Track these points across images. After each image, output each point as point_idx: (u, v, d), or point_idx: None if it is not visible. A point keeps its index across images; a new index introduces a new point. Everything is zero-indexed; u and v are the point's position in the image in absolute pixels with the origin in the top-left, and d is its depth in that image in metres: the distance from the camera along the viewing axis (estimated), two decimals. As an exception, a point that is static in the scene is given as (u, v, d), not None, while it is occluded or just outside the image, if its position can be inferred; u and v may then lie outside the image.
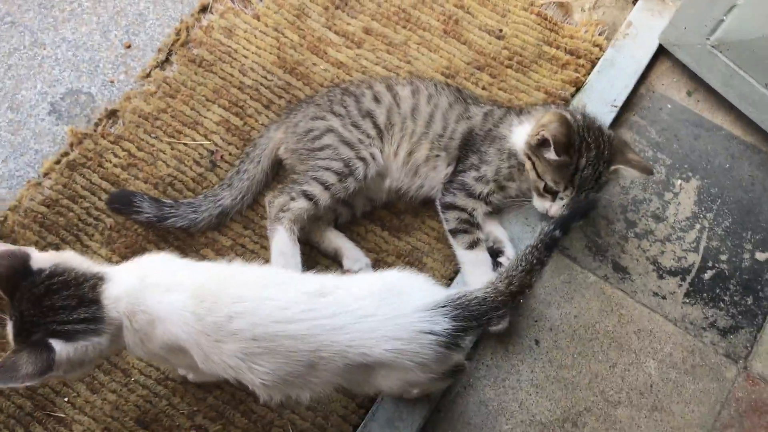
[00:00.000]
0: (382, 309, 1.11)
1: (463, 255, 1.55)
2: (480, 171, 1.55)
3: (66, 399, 1.45)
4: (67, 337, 1.08)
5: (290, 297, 1.13)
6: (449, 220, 1.56)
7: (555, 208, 1.52)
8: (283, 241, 1.49)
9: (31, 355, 1.05)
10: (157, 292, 1.12)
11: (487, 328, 1.26)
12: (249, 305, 1.11)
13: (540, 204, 1.54)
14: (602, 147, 1.48)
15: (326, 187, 1.52)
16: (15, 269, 1.10)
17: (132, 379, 1.47)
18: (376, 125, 1.57)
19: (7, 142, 1.67)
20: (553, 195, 1.51)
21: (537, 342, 1.56)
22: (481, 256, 1.55)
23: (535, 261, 1.21)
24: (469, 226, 1.55)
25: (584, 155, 1.46)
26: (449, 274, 1.58)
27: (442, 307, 1.13)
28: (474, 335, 1.50)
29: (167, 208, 1.54)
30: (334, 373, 1.14)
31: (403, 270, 1.21)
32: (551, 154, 1.44)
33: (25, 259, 1.11)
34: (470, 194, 1.55)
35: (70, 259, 1.15)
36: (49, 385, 1.45)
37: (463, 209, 1.55)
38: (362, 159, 1.54)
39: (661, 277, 1.64)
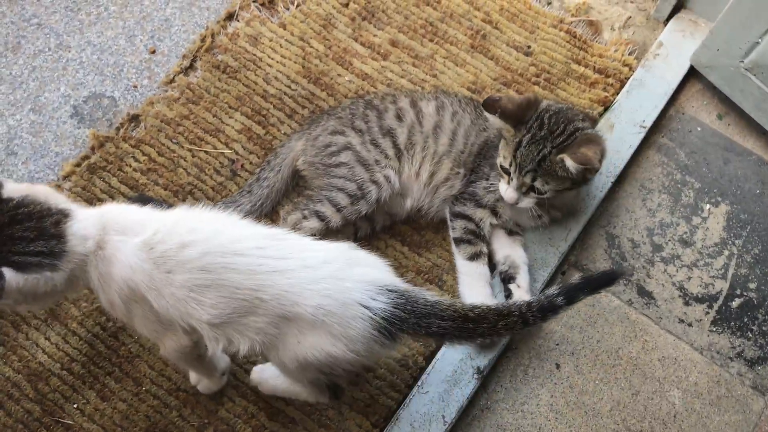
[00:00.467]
0: (328, 267, 1.12)
1: (462, 265, 1.53)
2: (490, 179, 1.52)
3: (75, 406, 1.43)
4: (20, 267, 1.08)
5: (244, 233, 1.15)
6: (456, 228, 1.54)
7: (508, 191, 1.47)
8: None
9: None
10: (117, 229, 1.14)
11: (428, 336, 1.22)
12: (202, 235, 1.12)
13: (501, 188, 1.48)
14: (557, 132, 1.42)
15: (338, 209, 1.51)
16: None
17: (143, 389, 1.45)
18: (395, 145, 1.55)
19: (29, 143, 1.66)
20: (508, 175, 1.46)
21: (558, 366, 1.51)
22: (480, 269, 1.52)
23: (518, 319, 1.16)
24: (474, 237, 1.52)
25: (531, 132, 1.42)
26: (469, 292, 1.55)
27: (389, 290, 1.12)
28: (415, 338, 1.45)
29: None
30: (268, 323, 1.12)
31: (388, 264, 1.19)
32: (500, 123, 1.43)
33: None
34: (479, 203, 1.52)
35: (42, 192, 1.16)
36: (59, 390, 1.43)
37: (470, 219, 1.52)
38: (376, 182, 1.52)
39: (687, 303, 1.59)
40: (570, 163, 1.38)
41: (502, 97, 1.44)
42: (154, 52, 1.77)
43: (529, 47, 1.81)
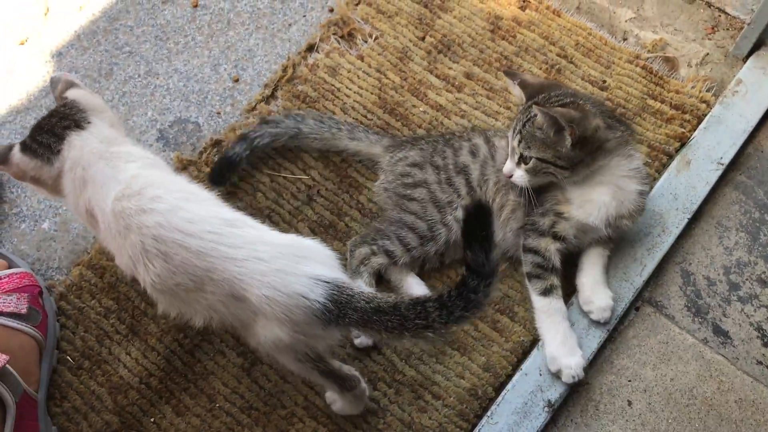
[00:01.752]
0: (278, 261, 1.17)
1: (536, 301, 1.51)
2: (545, 204, 1.52)
3: (152, 420, 1.47)
4: (25, 149, 1.32)
5: (202, 215, 1.20)
6: (526, 263, 1.52)
7: (507, 162, 1.49)
8: None
9: (2, 148, 1.34)
10: (106, 161, 1.27)
11: (367, 327, 1.23)
12: (161, 206, 1.20)
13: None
14: (553, 100, 1.45)
15: (407, 248, 1.54)
16: (60, 93, 1.38)
17: (216, 405, 1.48)
18: (468, 182, 1.57)
19: (116, 165, 1.74)
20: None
21: (630, 403, 1.49)
22: (554, 304, 1.48)
23: (439, 306, 1.17)
24: (542, 270, 1.49)
25: (534, 101, 1.46)
26: (541, 324, 1.54)
27: (326, 283, 1.16)
28: (366, 334, 1.48)
29: None
30: (220, 301, 1.19)
31: (320, 241, 1.25)
32: (518, 92, 1.53)
33: (69, 85, 1.38)
34: (539, 231, 1.50)
35: (85, 98, 1.36)
36: (137, 404, 1.48)
37: (537, 251, 1.50)
38: (446, 225, 1.54)
39: (765, 345, 1.55)
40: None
41: (526, 72, 1.51)
42: (237, 80, 1.84)
43: (604, 82, 1.82)
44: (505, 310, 1.56)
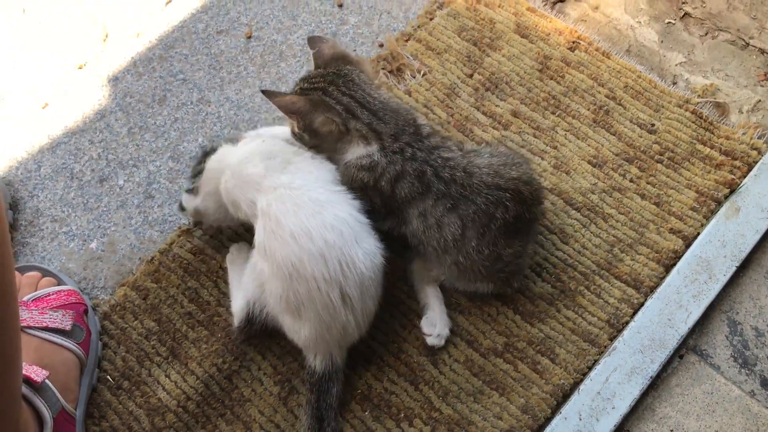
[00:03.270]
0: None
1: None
2: None
3: (188, 443, 1.47)
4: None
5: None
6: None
7: None
8: None
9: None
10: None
11: None
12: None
13: None
14: None
15: None
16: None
17: (252, 433, 1.49)
18: None
19: (165, 188, 1.77)
20: None
21: (672, 453, 1.46)
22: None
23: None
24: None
25: None
26: (582, 368, 1.52)
27: None
28: None
29: None
30: None
31: None
32: None
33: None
34: None
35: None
36: (174, 427, 1.48)
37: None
38: None
39: (815, 401, 1.51)
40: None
41: (331, 40, 1.56)
42: (286, 110, 1.87)
43: (653, 125, 1.81)
44: (546, 352, 1.54)
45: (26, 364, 1.37)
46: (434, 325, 1.54)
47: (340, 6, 2.06)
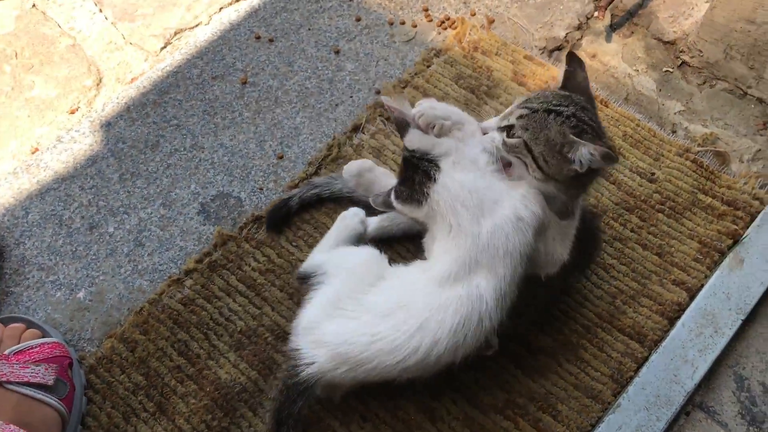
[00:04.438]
0: None
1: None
2: None
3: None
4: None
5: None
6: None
7: None
8: None
9: None
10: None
11: None
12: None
13: None
14: None
15: None
16: None
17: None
18: None
19: (156, 236, 1.73)
20: None
21: None
22: None
23: None
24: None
25: None
26: (585, 426, 1.46)
27: None
28: None
29: None
30: None
31: None
32: None
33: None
34: None
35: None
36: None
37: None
38: None
39: (828, 461, 1.45)
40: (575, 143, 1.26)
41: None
42: (281, 157, 1.84)
43: (653, 174, 1.78)
44: (547, 408, 1.48)
45: (3, 423, 1.30)
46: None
47: (337, 53, 2.05)
